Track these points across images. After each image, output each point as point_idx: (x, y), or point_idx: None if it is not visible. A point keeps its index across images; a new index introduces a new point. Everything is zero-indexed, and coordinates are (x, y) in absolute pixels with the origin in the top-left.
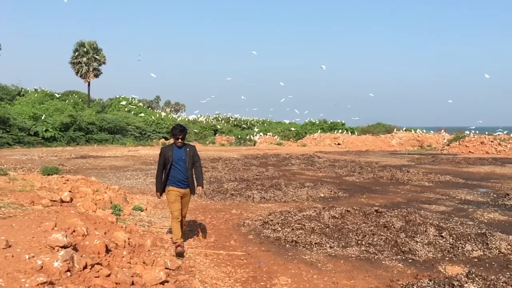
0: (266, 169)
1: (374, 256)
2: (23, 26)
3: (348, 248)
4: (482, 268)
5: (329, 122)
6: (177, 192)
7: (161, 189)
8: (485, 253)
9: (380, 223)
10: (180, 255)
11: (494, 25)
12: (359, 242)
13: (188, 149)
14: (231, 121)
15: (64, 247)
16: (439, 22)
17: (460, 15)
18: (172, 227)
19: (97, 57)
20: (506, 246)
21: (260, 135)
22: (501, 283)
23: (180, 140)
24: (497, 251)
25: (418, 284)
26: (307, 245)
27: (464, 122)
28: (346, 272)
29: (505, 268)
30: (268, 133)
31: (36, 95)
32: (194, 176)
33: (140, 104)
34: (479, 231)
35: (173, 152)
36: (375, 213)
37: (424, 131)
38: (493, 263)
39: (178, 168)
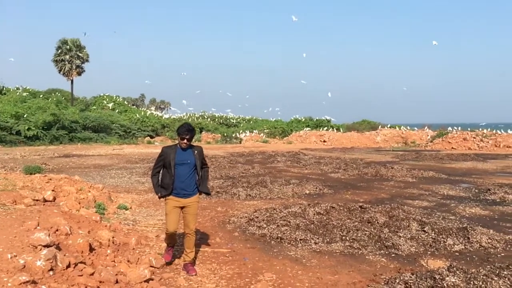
0: (252, 167)
1: (358, 251)
2: (4, 23)
3: (332, 244)
4: (463, 261)
5: (315, 120)
6: (175, 202)
7: (160, 189)
8: (466, 247)
9: (364, 218)
10: (168, 264)
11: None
12: (344, 237)
13: (196, 152)
14: (217, 119)
15: (47, 246)
16: (428, 20)
17: (450, 12)
18: (165, 236)
19: (80, 54)
20: (487, 240)
21: (246, 133)
22: (481, 276)
23: (186, 141)
24: (478, 245)
25: (401, 278)
26: (292, 242)
27: (449, 119)
28: (330, 267)
29: (486, 262)
30: (254, 131)
31: (18, 93)
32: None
33: (125, 102)
34: (460, 226)
35: (175, 155)
36: (359, 209)
37: (408, 128)
38: (474, 256)
39: (179, 174)
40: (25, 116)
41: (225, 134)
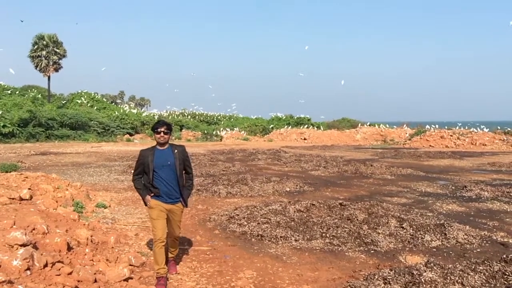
0: (233, 164)
1: (338, 248)
2: None
3: (312, 241)
4: (440, 257)
5: (296, 117)
6: (161, 207)
7: (146, 191)
8: (443, 243)
9: (344, 215)
10: None
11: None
12: (324, 234)
13: (176, 151)
14: (197, 117)
15: (24, 245)
16: (403, 19)
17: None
18: (154, 252)
19: (57, 50)
20: (463, 236)
21: (227, 131)
22: (458, 271)
23: (162, 135)
24: (455, 240)
25: (380, 274)
26: (272, 239)
27: (427, 117)
28: (310, 264)
29: (462, 257)
30: (235, 128)
31: None
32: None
33: (104, 99)
34: (438, 222)
35: (154, 157)
36: (339, 206)
37: (387, 126)
38: (451, 252)
39: (161, 177)
40: (0, 113)
41: (205, 132)
